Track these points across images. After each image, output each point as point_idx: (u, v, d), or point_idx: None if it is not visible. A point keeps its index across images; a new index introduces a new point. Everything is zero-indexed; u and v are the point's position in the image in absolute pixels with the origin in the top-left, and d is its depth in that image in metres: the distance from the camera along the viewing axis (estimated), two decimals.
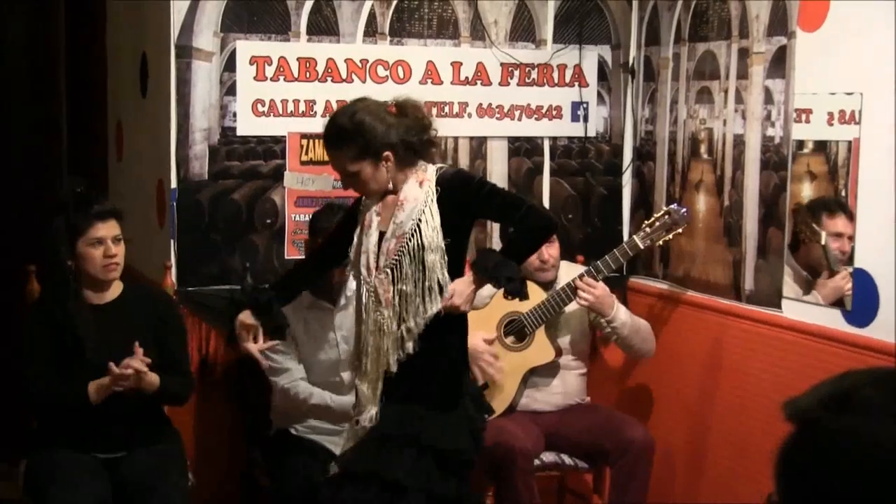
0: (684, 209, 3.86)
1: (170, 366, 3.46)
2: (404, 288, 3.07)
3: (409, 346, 3.08)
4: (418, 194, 3.08)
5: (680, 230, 3.84)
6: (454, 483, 3.12)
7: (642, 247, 3.87)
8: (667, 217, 3.85)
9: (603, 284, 3.83)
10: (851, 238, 3.37)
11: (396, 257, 3.07)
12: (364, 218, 3.14)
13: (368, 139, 3.05)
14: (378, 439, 3.09)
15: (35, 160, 5.88)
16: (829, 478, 1.09)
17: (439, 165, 3.17)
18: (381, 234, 3.10)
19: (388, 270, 3.07)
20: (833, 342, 3.37)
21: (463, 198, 3.11)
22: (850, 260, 3.36)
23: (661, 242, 3.89)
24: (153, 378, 3.33)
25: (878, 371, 1.15)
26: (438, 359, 3.14)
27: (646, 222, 3.91)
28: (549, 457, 3.90)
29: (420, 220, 3.07)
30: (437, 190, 3.09)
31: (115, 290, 3.49)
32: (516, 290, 3.11)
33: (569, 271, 3.99)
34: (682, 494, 4.10)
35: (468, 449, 3.15)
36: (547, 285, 3.94)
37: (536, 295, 3.88)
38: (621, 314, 3.87)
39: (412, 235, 3.06)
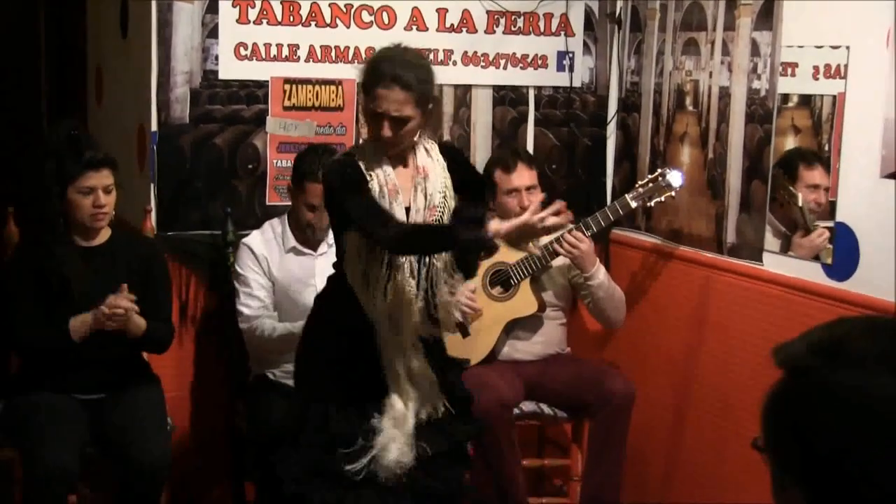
0: (679, 172, 3.79)
1: (153, 313, 3.46)
2: (436, 263, 3.04)
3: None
4: (434, 165, 3.05)
5: (672, 193, 3.80)
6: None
7: (633, 206, 3.83)
8: (660, 178, 3.80)
9: (589, 241, 3.82)
10: (828, 190, 3.37)
11: None
12: (388, 185, 2.98)
13: (430, 88, 2.98)
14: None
15: (14, 104, 5.83)
16: (819, 427, 1.09)
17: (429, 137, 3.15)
18: (406, 207, 3.00)
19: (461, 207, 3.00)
20: (813, 295, 3.39)
21: (463, 173, 3.11)
22: (831, 214, 3.36)
23: (651, 203, 3.85)
24: (140, 321, 3.35)
25: (871, 320, 1.15)
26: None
27: (639, 182, 3.87)
28: (528, 406, 3.92)
29: (445, 193, 3.04)
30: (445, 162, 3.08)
31: (103, 235, 3.49)
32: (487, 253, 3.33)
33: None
34: (665, 445, 4.13)
35: None
36: None
37: (525, 247, 3.89)
38: (600, 274, 3.87)
39: (443, 210, 3.03)
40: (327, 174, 3.03)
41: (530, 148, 4.34)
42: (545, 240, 3.90)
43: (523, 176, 3.90)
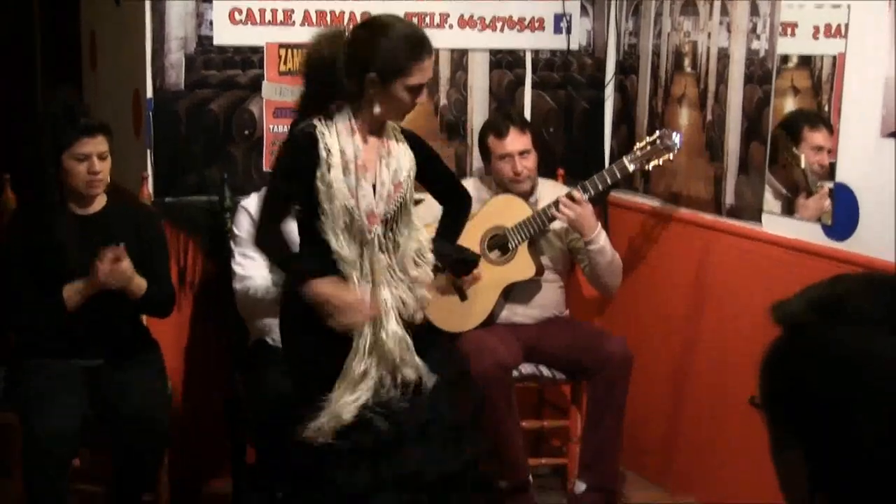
0: (677, 134, 3.81)
1: (152, 280, 3.45)
2: (399, 239, 3.05)
3: (424, 293, 3.11)
4: (396, 142, 3.05)
5: (670, 155, 3.80)
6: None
7: (631, 169, 3.83)
8: (658, 141, 3.80)
9: (588, 204, 3.81)
10: (830, 152, 3.36)
11: (395, 207, 3.03)
12: (357, 161, 2.97)
13: None
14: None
15: (8, 70, 5.80)
16: (817, 386, 1.08)
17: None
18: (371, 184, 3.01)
19: (386, 219, 3.02)
20: (813, 256, 3.39)
21: (420, 156, 3.10)
22: (831, 175, 3.35)
23: (650, 166, 3.85)
24: (141, 281, 3.35)
25: (871, 277, 1.14)
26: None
27: (637, 145, 3.87)
28: (527, 368, 3.92)
29: (409, 172, 3.04)
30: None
31: (99, 202, 3.48)
32: (468, 271, 3.51)
33: (554, 190, 3.97)
34: (665, 406, 4.14)
35: None
36: (524, 197, 3.92)
37: (522, 211, 3.88)
38: (601, 239, 3.85)
39: (406, 189, 3.03)
40: (282, 144, 3.06)
41: (527, 111, 4.32)
42: (543, 203, 3.89)
43: (515, 141, 3.89)
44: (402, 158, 3.04)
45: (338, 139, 2.97)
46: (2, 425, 3.40)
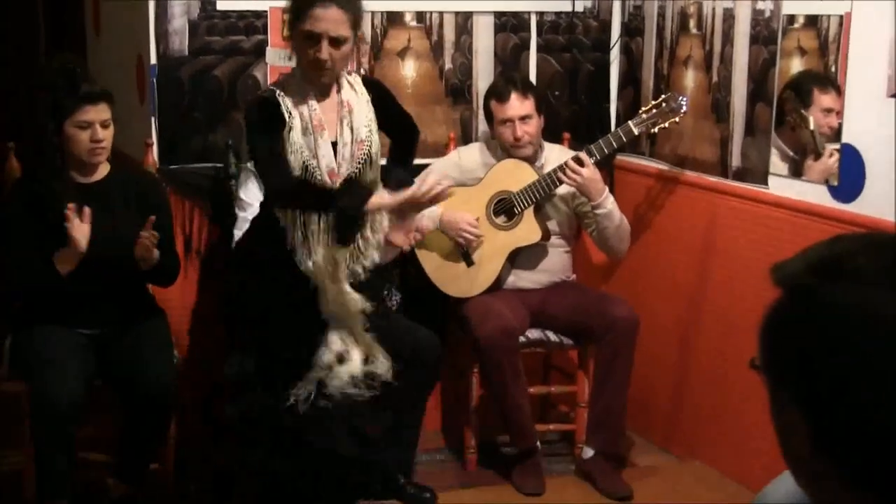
0: (683, 97, 3.80)
1: (157, 247, 3.45)
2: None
3: (375, 255, 3.10)
4: (358, 99, 3.02)
5: (676, 119, 3.78)
6: None
7: (636, 133, 3.81)
8: (664, 104, 3.79)
9: (594, 168, 3.79)
10: (839, 114, 3.34)
11: (359, 165, 3.01)
12: (313, 121, 2.97)
13: (361, 9, 2.98)
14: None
15: (12, 36, 5.78)
16: (817, 345, 1.07)
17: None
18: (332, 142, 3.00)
19: (351, 178, 3.00)
20: (819, 217, 3.37)
21: (385, 107, 3.08)
22: (837, 136, 3.33)
23: (655, 130, 3.84)
24: (155, 252, 3.35)
25: (870, 237, 1.13)
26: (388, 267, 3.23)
27: (642, 108, 3.86)
28: (534, 334, 3.92)
29: (371, 128, 3.02)
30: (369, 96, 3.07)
31: (102, 171, 3.47)
32: None
33: (560, 154, 3.95)
34: (671, 370, 4.14)
35: None
36: (527, 162, 3.90)
37: (528, 175, 3.86)
38: (608, 203, 3.84)
39: (370, 145, 3.01)
40: (246, 110, 3.05)
41: (533, 74, 4.29)
42: (549, 167, 3.88)
43: (517, 106, 3.86)
44: (362, 114, 3.03)
45: (292, 100, 2.97)
46: (9, 394, 3.41)
